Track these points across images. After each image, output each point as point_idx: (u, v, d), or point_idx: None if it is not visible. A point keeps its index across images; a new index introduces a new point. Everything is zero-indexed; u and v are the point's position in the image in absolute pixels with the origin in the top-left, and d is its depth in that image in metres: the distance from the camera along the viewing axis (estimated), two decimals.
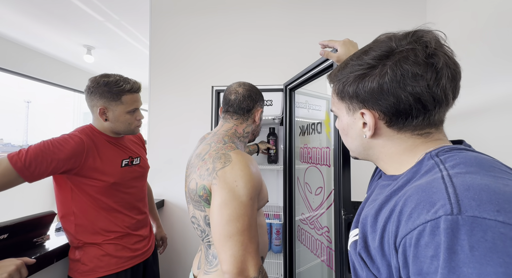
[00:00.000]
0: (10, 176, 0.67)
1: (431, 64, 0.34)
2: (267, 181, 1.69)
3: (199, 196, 0.64)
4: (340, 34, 1.50)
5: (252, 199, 0.59)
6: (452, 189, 0.27)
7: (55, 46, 3.07)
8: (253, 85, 0.82)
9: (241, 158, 0.62)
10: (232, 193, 0.57)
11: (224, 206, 0.57)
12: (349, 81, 0.41)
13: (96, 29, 2.60)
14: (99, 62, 3.59)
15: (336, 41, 0.71)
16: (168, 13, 1.64)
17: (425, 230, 0.27)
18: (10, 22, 2.47)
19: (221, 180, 0.59)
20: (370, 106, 0.39)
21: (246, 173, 0.59)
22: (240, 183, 0.58)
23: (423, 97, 0.35)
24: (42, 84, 3.45)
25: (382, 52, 0.37)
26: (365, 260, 0.37)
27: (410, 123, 0.37)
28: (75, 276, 0.83)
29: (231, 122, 0.78)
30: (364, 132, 0.41)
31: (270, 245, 1.59)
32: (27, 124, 4.81)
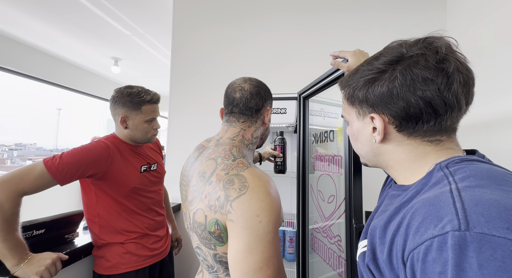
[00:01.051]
0: (44, 179, 0.74)
1: (442, 69, 0.34)
2: (279, 188, 1.70)
3: (209, 232, 0.52)
4: (353, 43, 1.52)
5: (277, 232, 0.49)
6: (460, 203, 0.27)
7: (86, 58, 3.34)
8: (260, 80, 0.70)
9: (259, 181, 0.51)
10: (256, 234, 0.46)
11: (250, 252, 0.46)
12: (359, 86, 0.41)
13: (123, 42, 2.81)
14: (125, 73, 3.84)
15: (346, 52, 0.72)
16: (189, 27, 1.75)
17: (432, 245, 0.26)
18: (47, 36, 2.74)
19: (238, 215, 0.47)
20: (380, 110, 0.39)
21: (268, 202, 0.48)
22: (263, 218, 0.47)
23: (434, 101, 0.34)
24: (73, 93, 3.74)
25: (392, 57, 0.37)
26: (373, 272, 0.36)
27: (421, 128, 0.37)
28: (100, 271, 0.89)
29: (238, 127, 0.65)
30: (374, 137, 0.41)
31: (283, 253, 1.58)
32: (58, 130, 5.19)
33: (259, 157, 1.26)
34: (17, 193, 0.69)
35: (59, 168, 0.76)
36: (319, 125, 1.19)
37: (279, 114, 1.39)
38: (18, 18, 2.33)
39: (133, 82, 4.60)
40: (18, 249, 0.68)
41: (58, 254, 0.75)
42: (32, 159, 5.06)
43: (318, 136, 1.14)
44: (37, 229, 0.80)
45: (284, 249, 1.58)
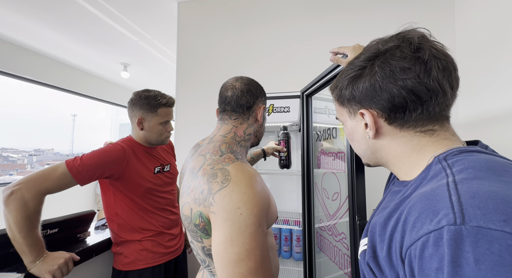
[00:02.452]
0: (66, 179, 0.78)
1: (418, 57, 0.35)
2: (285, 187, 1.70)
3: (194, 225, 0.54)
4: (356, 40, 1.50)
5: (262, 225, 0.49)
6: (456, 196, 0.26)
7: (97, 64, 3.46)
8: (252, 79, 0.72)
9: (242, 174, 0.51)
10: (237, 225, 0.47)
11: (230, 243, 0.46)
12: (344, 85, 0.42)
13: (132, 48, 2.89)
14: (134, 78, 3.95)
15: (346, 47, 0.72)
16: (193, 30, 1.78)
17: (428, 241, 0.26)
18: (60, 45, 2.86)
19: (220, 207, 0.49)
20: (367, 105, 0.39)
21: (250, 195, 0.49)
22: (244, 210, 0.48)
23: (416, 88, 0.35)
24: (86, 99, 3.88)
25: (370, 54, 0.39)
26: (373, 270, 0.36)
27: (410, 117, 0.37)
28: (119, 267, 0.94)
29: (230, 124, 0.67)
30: (367, 133, 0.41)
31: (290, 252, 1.57)
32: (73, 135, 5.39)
33: (263, 153, 1.27)
34: (41, 192, 0.73)
35: (79, 169, 0.80)
36: (324, 123, 1.18)
37: (283, 113, 1.39)
38: (36, 29, 2.45)
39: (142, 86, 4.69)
40: (36, 246, 0.71)
41: (71, 254, 0.78)
42: (50, 164, 5.28)
43: (322, 133, 1.14)
44: (51, 228, 0.84)
45: (291, 248, 1.57)
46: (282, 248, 1.58)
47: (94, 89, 3.90)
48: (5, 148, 5.23)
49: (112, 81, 4.25)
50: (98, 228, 1.12)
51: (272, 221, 0.58)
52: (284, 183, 1.71)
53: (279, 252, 1.59)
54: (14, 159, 5.26)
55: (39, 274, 0.71)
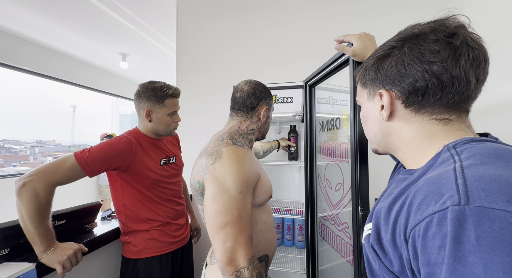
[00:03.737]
0: (75, 171, 0.79)
1: (450, 42, 0.34)
2: (288, 178, 1.71)
3: (196, 190, 0.69)
4: (361, 28, 1.46)
5: (243, 193, 0.62)
6: (462, 179, 0.27)
7: (95, 55, 3.40)
8: (259, 83, 0.83)
9: (232, 153, 0.65)
10: (221, 187, 0.61)
11: (214, 199, 0.60)
12: (369, 64, 0.42)
13: (130, 37, 2.83)
14: (133, 68, 3.89)
15: (351, 35, 0.70)
16: (193, 18, 1.73)
17: (432, 221, 0.27)
18: (57, 35, 2.80)
19: (211, 175, 0.63)
20: (388, 86, 0.40)
21: (235, 167, 0.62)
22: (228, 178, 0.61)
23: (440, 72, 0.34)
24: (85, 90, 3.85)
25: (403, 35, 0.38)
26: (377, 252, 0.37)
27: (427, 102, 0.36)
28: (128, 256, 0.96)
29: (236, 120, 0.80)
30: (382, 115, 0.41)
31: (293, 241, 1.61)
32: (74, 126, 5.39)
33: (277, 143, 1.49)
34: (51, 183, 0.74)
35: (87, 161, 0.81)
36: (327, 113, 1.17)
37: (285, 104, 1.37)
38: (34, 20, 2.39)
39: (141, 77, 4.62)
40: (47, 237, 0.73)
41: (80, 245, 0.80)
42: (52, 155, 5.32)
43: (325, 124, 1.13)
44: (59, 220, 0.85)
45: (294, 237, 1.60)
46: (285, 236, 1.61)
47: (94, 80, 3.86)
48: (7, 139, 5.25)
49: (112, 72, 4.19)
50: (104, 218, 1.14)
51: (264, 196, 0.72)
52: (287, 173, 1.72)
53: (282, 241, 1.62)
54: (16, 150, 5.29)
55: (49, 264, 0.72)
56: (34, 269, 0.70)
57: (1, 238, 0.70)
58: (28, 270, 0.68)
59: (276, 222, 1.60)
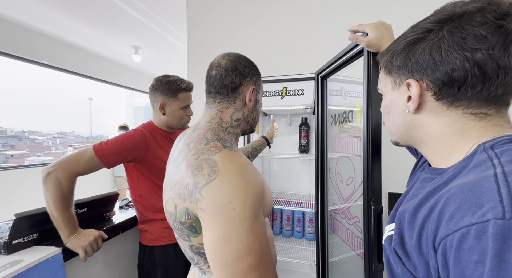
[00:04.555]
0: (93, 162, 0.84)
1: (501, 25, 0.29)
2: (299, 170, 1.71)
3: (180, 222, 0.49)
4: (377, 17, 1.39)
5: (258, 217, 0.45)
6: (506, 189, 0.24)
7: (109, 48, 3.47)
8: (241, 55, 0.63)
9: (230, 164, 0.46)
10: (231, 222, 0.43)
11: (226, 242, 0.42)
12: (398, 49, 0.37)
13: (142, 30, 2.86)
14: (145, 61, 3.94)
15: (366, 25, 0.67)
16: (203, 9, 1.72)
17: (469, 233, 0.24)
18: (76, 30, 2.88)
19: (209, 203, 0.44)
20: (418, 76, 0.35)
21: (242, 186, 0.44)
22: (237, 205, 0.43)
23: (484, 62, 0.30)
24: (100, 83, 3.96)
25: (442, 15, 0.33)
26: (400, 256, 0.35)
27: (464, 95, 0.32)
28: (145, 243, 1.02)
29: (214, 108, 0.60)
30: (408, 107, 0.37)
31: (303, 233, 1.63)
32: (91, 118, 5.60)
33: (266, 141, 1.24)
34: (72, 173, 0.79)
35: (105, 153, 0.85)
36: (340, 105, 1.15)
37: (296, 96, 1.36)
38: (50, 14, 2.46)
39: (153, 70, 4.69)
40: (71, 223, 0.79)
41: (100, 232, 0.85)
42: (72, 146, 5.58)
43: (337, 117, 1.11)
44: (81, 208, 0.90)
45: (304, 229, 1.62)
46: (295, 228, 1.63)
47: (108, 73, 3.96)
48: (31, 130, 5.52)
49: (125, 65, 4.28)
50: (122, 207, 1.19)
51: (268, 210, 0.55)
52: (298, 166, 1.72)
53: (292, 233, 1.65)
54: (40, 141, 5.58)
55: (73, 248, 0.78)
56: (60, 253, 0.75)
57: (31, 223, 0.76)
58: (56, 253, 0.74)
59: (286, 214, 1.62)
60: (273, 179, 1.78)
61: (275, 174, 1.78)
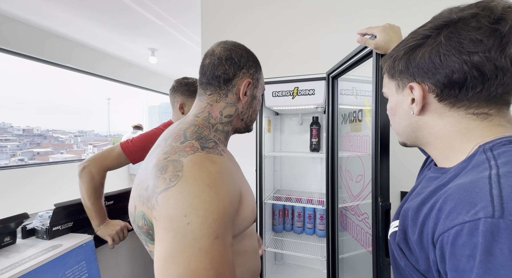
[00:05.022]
0: (121, 158, 0.92)
1: (495, 29, 0.30)
2: (310, 169, 1.74)
3: (138, 226, 0.44)
4: (390, 15, 1.39)
5: (221, 237, 0.38)
6: (497, 190, 0.26)
7: (127, 51, 3.62)
8: (239, 44, 0.57)
9: (198, 171, 0.39)
10: (182, 239, 0.36)
11: (172, 262, 0.35)
12: (399, 55, 0.39)
13: (158, 33, 2.97)
14: (161, 62, 4.08)
15: (374, 28, 0.69)
16: (217, 11, 1.78)
17: (462, 230, 0.26)
18: (96, 34, 3.03)
19: (162, 213, 0.37)
20: (420, 79, 0.37)
21: (204, 199, 0.37)
22: (194, 220, 0.36)
23: (481, 64, 0.31)
24: (117, 83, 4.15)
25: (439, 22, 0.35)
26: (403, 250, 0.37)
27: (465, 96, 0.33)
28: None
29: (204, 101, 0.54)
30: (412, 109, 0.39)
31: (314, 229, 1.66)
32: (109, 117, 5.84)
33: None
34: (103, 168, 0.88)
35: (131, 150, 0.93)
36: (350, 104, 1.17)
37: (307, 96, 1.39)
38: (72, 19, 2.62)
39: (169, 71, 4.82)
40: (101, 213, 0.88)
41: (125, 223, 0.94)
42: (92, 144, 5.86)
43: (347, 116, 1.13)
44: (108, 200, 0.99)
45: (315, 226, 1.66)
46: (306, 225, 1.67)
47: (126, 74, 4.13)
48: (55, 129, 5.83)
49: (142, 67, 4.44)
50: None
51: (246, 223, 0.48)
52: (309, 164, 1.75)
53: (303, 229, 1.68)
54: (63, 139, 5.90)
55: (103, 236, 0.87)
56: (92, 240, 0.84)
57: (67, 213, 0.85)
58: (88, 240, 0.82)
59: (297, 211, 1.66)
60: (284, 177, 1.82)
61: (287, 172, 1.81)
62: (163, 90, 4.93)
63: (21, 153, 4.47)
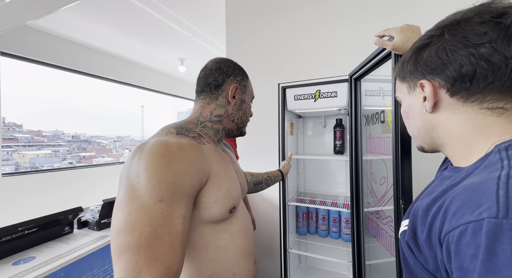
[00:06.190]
0: None
1: (498, 22, 0.31)
2: (334, 171, 1.72)
3: None
4: (412, 14, 1.34)
5: (166, 202, 0.42)
6: (504, 191, 0.26)
7: (158, 61, 3.92)
8: (227, 59, 0.68)
9: (159, 145, 0.45)
10: (130, 192, 0.41)
11: (119, 210, 0.41)
12: (407, 57, 0.40)
13: (186, 44, 3.18)
14: (189, 71, 4.33)
15: (392, 29, 0.69)
16: (241, 21, 1.87)
17: (467, 230, 0.26)
18: (132, 48, 3.34)
19: (124, 175, 0.44)
20: (429, 76, 0.37)
21: (154, 164, 0.42)
22: (142, 178, 0.41)
23: (489, 54, 0.31)
24: (150, 92, 4.50)
25: (443, 23, 0.36)
26: (412, 249, 0.37)
27: (477, 88, 0.33)
28: None
29: (198, 104, 0.64)
30: (425, 106, 0.38)
31: (339, 233, 1.63)
32: (143, 124, 6.31)
33: (280, 174, 1.18)
34: None
35: None
36: (377, 105, 1.15)
37: (330, 98, 1.39)
38: (109, 34, 2.93)
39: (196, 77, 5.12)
40: None
41: None
42: (128, 148, 6.39)
43: (370, 118, 1.12)
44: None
45: (340, 229, 1.63)
46: (331, 229, 1.65)
47: (157, 83, 4.47)
48: (98, 135, 6.46)
49: (171, 75, 4.76)
50: None
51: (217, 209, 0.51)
52: (333, 167, 1.73)
53: (327, 233, 1.67)
54: (104, 144, 6.51)
55: None
56: None
57: (112, 208, 0.97)
58: None
59: (322, 214, 1.65)
60: (308, 180, 1.82)
61: (310, 175, 1.82)
62: (191, 97, 5.23)
63: (70, 156, 5.02)
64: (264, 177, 1.10)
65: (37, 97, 3.51)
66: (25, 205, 2.64)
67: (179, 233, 0.43)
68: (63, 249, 0.77)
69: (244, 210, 0.65)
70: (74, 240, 0.84)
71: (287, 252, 1.48)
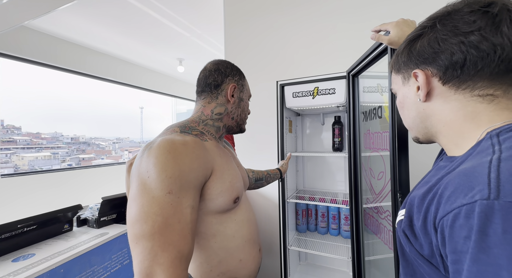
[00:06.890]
0: None
1: (486, 11, 0.32)
2: (333, 168, 1.72)
3: None
4: (409, 10, 1.35)
5: (174, 194, 0.47)
6: (495, 173, 0.27)
7: (156, 61, 3.93)
8: (225, 60, 0.72)
9: (165, 143, 0.50)
10: (142, 187, 0.47)
11: (132, 203, 0.47)
12: (401, 49, 0.42)
13: (185, 44, 3.18)
14: (188, 71, 4.34)
15: (388, 23, 0.69)
16: (239, 19, 1.88)
17: (460, 213, 0.27)
18: (128, 47, 3.34)
19: (135, 172, 0.50)
20: (422, 66, 0.38)
21: (162, 160, 0.48)
22: (152, 174, 0.47)
23: (478, 42, 0.32)
24: (149, 92, 4.49)
25: (435, 14, 0.37)
26: (409, 237, 0.38)
27: (467, 75, 0.34)
28: None
29: (199, 104, 0.69)
30: (418, 96, 0.40)
31: (339, 230, 1.64)
32: (142, 125, 6.29)
33: (279, 173, 1.22)
34: None
35: None
36: (375, 102, 1.15)
37: (328, 95, 1.40)
38: (106, 34, 2.93)
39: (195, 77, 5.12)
40: None
41: None
42: (127, 150, 6.38)
43: (368, 114, 1.12)
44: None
45: (339, 226, 1.63)
46: (330, 225, 1.65)
47: (156, 83, 4.47)
48: (97, 137, 6.45)
49: (170, 76, 4.76)
50: None
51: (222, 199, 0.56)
52: (332, 164, 1.74)
53: (327, 229, 1.67)
54: (103, 146, 6.50)
55: None
56: None
57: (111, 205, 0.98)
58: None
59: (321, 211, 1.65)
60: (307, 177, 1.83)
61: (309, 172, 1.82)
62: (190, 97, 5.21)
63: (70, 158, 5.01)
64: (264, 174, 1.14)
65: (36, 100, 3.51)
66: (25, 205, 2.65)
67: (188, 221, 0.48)
68: (63, 246, 0.77)
69: (247, 202, 0.70)
70: (74, 237, 0.84)
71: (287, 249, 1.48)
